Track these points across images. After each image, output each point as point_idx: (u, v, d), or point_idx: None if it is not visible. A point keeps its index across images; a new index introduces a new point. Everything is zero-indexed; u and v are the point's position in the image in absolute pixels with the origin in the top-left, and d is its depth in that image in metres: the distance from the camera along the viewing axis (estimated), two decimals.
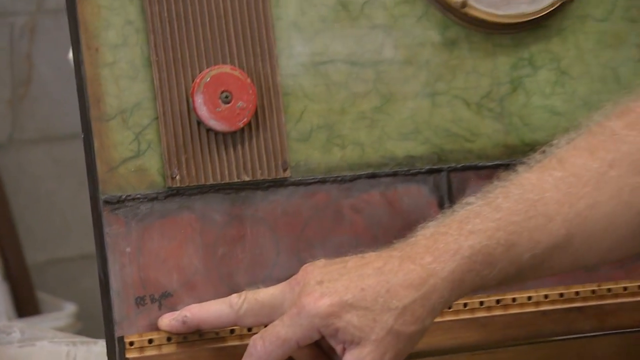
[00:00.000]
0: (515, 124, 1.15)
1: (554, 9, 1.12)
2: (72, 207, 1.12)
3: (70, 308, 1.61)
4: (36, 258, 2.02)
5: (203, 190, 1.03)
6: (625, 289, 1.10)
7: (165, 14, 1.04)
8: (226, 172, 1.04)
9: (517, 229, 0.91)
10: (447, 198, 1.08)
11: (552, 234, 0.92)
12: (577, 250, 0.94)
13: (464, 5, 1.08)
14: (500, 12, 1.11)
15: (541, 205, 0.93)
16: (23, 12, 1.82)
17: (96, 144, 1.01)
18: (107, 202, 1.01)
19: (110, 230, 1.00)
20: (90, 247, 1.03)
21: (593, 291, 1.09)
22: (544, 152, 0.98)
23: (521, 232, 0.91)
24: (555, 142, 0.98)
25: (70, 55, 1.07)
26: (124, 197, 1.02)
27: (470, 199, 0.96)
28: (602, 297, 1.10)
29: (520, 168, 0.97)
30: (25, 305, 2.22)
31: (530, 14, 1.11)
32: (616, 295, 1.10)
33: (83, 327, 1.55)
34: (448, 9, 1.10)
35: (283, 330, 0.87)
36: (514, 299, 1.08)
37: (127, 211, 1.02)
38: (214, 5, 1.07)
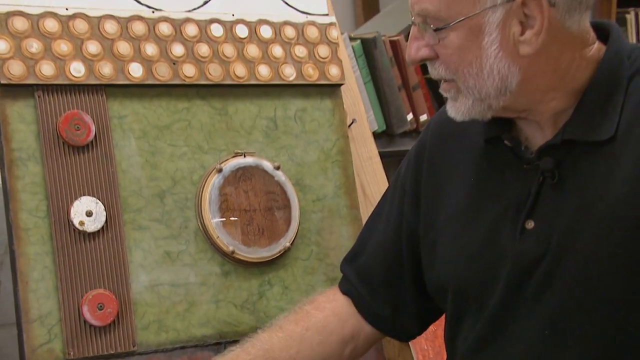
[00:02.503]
0: (262, 316, 1.38)
1: (280, 254, 1.40)
2: None
3: None
4: None
5: (87, 359, 1.25)
6: None
7: (67, 262, 1.26)
8: (100, 348, 1.26)
9: None
10: None
11: None
12: None
13: (233, 252, 1.35)
14: (254, 256, 1.37)
15: (271, 351, 1.21)
16: None
17: (25, 336, 1.23)
18: None
19: None
20: None
21: None
22: (271, 324, 1.25)
23: None
24: (277, 319, 1.26)
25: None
26: None
27: (233, 347, 1.23)
28: None
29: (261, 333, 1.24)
30: None
31: (268, 257, 1.39)
32: None
33: None
34: (225, 255, 1.36)
35: None
36: None
37: None
38: (97, 256, 1.29)
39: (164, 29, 1.39)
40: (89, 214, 1.28)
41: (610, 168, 1.01)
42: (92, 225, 1.29)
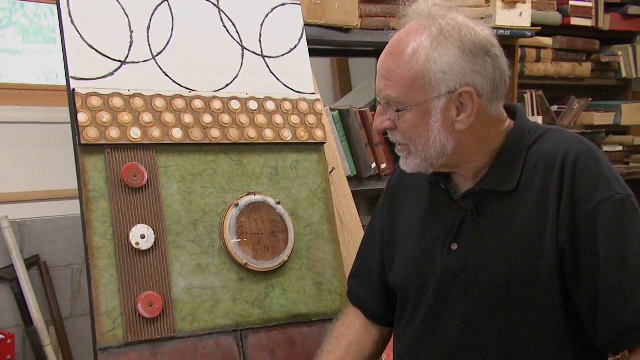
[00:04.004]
0: (267, 310, 1.44)
1: (280, 266, 1.48)
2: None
3: None
4: None
5: (140, 342, 1.36)
6: None
7: (127, 271, 1.36)
8: (150, 334, 1.38)
9: None
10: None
11: None
12: None
13: (246, 264, 1.45)
14: (261, 267, 1.47)
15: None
16: (77, 263, 2.08)
17: (96, 325, 1.35)
18: (101, 349, 1.34)
19: None
20: None
21: None
22: (322, 352, 1.29)
23: None
24: (325, 344, 1.29)
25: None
26: (107, 347, 1.35)
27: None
28: None
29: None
30: None
31: (271, 267, 1.47)
32: None
33: None
34: (240, 266, 1.47)
35: None
36: None
37: (109, 353, 1.35)
38: (148, 267, 1.37)
39: (198, 104, 1.53)
40: (142, 237, 1.41)
41: (513, 210, 1.11)
42: (145, 245, 1.41)
